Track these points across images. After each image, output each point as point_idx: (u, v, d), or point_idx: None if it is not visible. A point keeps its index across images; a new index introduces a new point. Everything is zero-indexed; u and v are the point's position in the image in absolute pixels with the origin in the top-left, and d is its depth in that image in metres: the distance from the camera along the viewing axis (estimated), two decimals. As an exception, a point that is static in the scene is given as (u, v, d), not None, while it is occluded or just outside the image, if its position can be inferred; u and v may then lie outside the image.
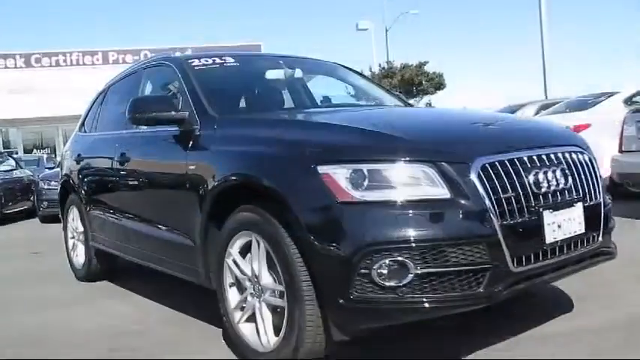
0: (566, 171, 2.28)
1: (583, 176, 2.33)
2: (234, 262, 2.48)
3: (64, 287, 4.26)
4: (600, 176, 2.45)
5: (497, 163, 2.10)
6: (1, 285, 4.55)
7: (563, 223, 2.19)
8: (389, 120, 2.39)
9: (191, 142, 2.80)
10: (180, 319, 3.20)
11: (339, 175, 2.05)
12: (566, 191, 2.25)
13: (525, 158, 2.18)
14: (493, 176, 2.06)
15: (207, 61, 3.32)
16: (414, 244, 1.95)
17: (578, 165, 2.34)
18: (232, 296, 2.52)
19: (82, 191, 4.17)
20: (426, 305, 1.97)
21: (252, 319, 2.41)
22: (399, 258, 1.94)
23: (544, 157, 2.24)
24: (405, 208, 1.99)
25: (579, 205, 2.27)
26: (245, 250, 2.46)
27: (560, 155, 2.30)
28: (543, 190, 2.17)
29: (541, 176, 2.17)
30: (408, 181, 2.02)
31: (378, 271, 1.95)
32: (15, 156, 13.39)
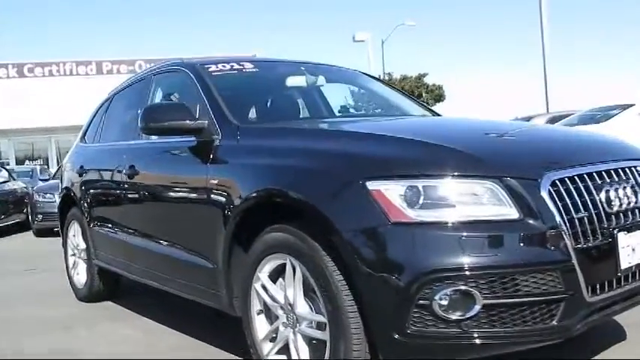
0: (636, 187, 2.05)
1: None
2: (264, 287, 2.23)
3: (64, 308, 3.97)
4: None
5: (567, 179, 1.87)
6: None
7: (637, 247, 1.96)
8: (440, 131, 2.16)
9: (211, 154, 2.56)
10: (194, 345, 2.93)
11: (391, 191, 1.81)
12: (637, 210, 2.02)
13: (595, 174, 1.95)
14: (564, 193, 1.83)
15: (224, 66, 3.08)
16: (480, 272, 1.70)
17: None
18: (261, 325, 2.27)
19: (85, 205, 3.90)
20: (495, 341, 1.72)
21: (284, 351, 2.16)
22: (464, 287, 1.70)
23: (613, 172, 2.01)
24: (469, 230, 1.75)
25: None
26: (276, 275, 2.21)
27: (627, 170, 2.07)
28: (615, 208, 1.94)
29: (612, 193, 1.94)
30: (471, 199, 1.79)
31: (440, 302, 1.71)
32: (7, 167, 13.02)
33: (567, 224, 1.79)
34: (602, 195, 1.92)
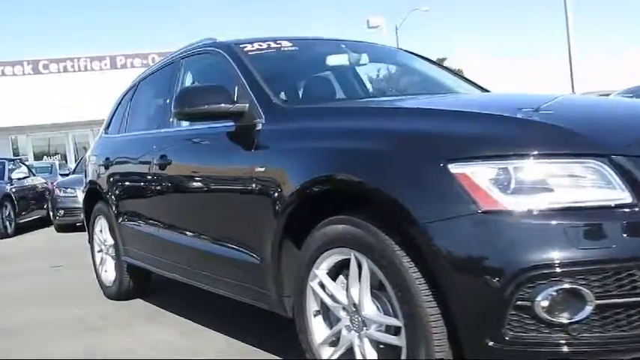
0: None
1: None
2: (321, 285, 1.99)
3: (93, 307, 3.78)
4: None
5: None
6: (27, 304, 4.07)
7: None
8: (525, 105, 1.89)
9: (255, 140, 2.32)
10: (240, 349, 2.71)
11: (479, 175, 1.55)
12: None
13: None
14: None
15: (260, 45, 2.83)
16: (591, 267, 1.45)
17: None
18: (318, 328, 2.03)
19: (112, 200, 3.70)
20: (609, 348, 1.47)
21: (347, 355, 1.92)
22: (572, 286, 1.45)
23: None
24: (574, 218, 1.49)
25: None
26: (335, 271, 1.97)
27: None
28: None
29: None
30: (572, 182, 1.53)
31: (543, 303, 1.46)
32: (27, 163, 12.95)
33: None
34: None
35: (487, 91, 3.14)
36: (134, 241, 3.50)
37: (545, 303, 1.46)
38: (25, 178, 10.15)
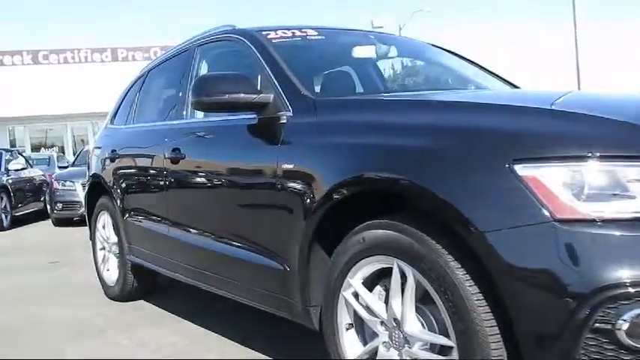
0: None
1: None
2: (356, 296, 1.81)
3: (94, 307, 3.59)
4: None
5: None
6: (26, 302, 3.87)
7: None
8: (583, 102, 1.70)
9: (281, 134, 2.13)
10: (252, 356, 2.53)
11: (552, 179, 1.37)
12: None
13: None
14: None
15: (284, 33, 2.64)
16: None
17: None
18: (351, 343, 1.84)
19: (118, 194, 3.50)
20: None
21: (383, 375, 1.73)
22: (662, 307, 1.26)
23: None
24: None
25: None
26: (371, 281, 1.79)
27: None
28: None
29: None
30: (659, 189, 1.34)
31: (626, 326, 1.27)
32: (24, 154, 12.70)
33: None
34: None
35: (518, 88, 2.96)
36: (141, 240, 3.30)
37: (629, 326, 1.27)
38: (22, 169, 9.90)
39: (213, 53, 2.95)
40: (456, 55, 3.14)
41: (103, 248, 3.90)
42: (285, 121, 2.16)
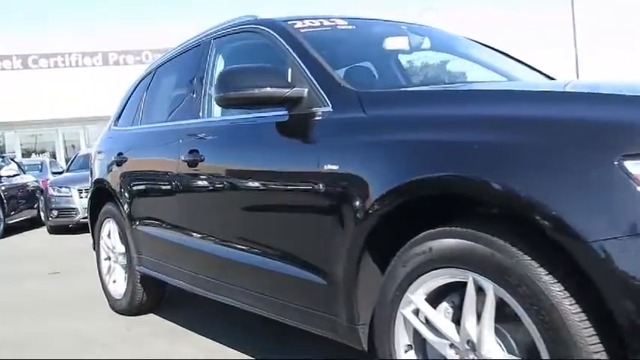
0: None
1: None
2: (417, 314, 1.58)
3: (100, 321, 3.36)
4: None
5: None
6: (28, 315, 3.63)
7: None
8: None
9: (320, 132, 1.91)
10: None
11: None
12: None
13: None
14: None
15: (312, 22, 2.42)
16: None
17: None
18: (411, 368, 1.62)
19: (125, 201, 3.26)
20: None
21: (452, 405, 1.51)
22: None
23: None
24: None
25: None
26: (435, 297, 1.57)
27: None
28: None
29: None
30: None
31: None
32: (16, 160, 12.36)
33: None
34: None
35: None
36: (152, 250, 3.06)
37: None
38: (15, 175, 9.59)
39: (232, 46, 2.73)
40: (491, 48, 2.94)
41: (109, 258, 3.65)
42: (323, 117, 1.94)
